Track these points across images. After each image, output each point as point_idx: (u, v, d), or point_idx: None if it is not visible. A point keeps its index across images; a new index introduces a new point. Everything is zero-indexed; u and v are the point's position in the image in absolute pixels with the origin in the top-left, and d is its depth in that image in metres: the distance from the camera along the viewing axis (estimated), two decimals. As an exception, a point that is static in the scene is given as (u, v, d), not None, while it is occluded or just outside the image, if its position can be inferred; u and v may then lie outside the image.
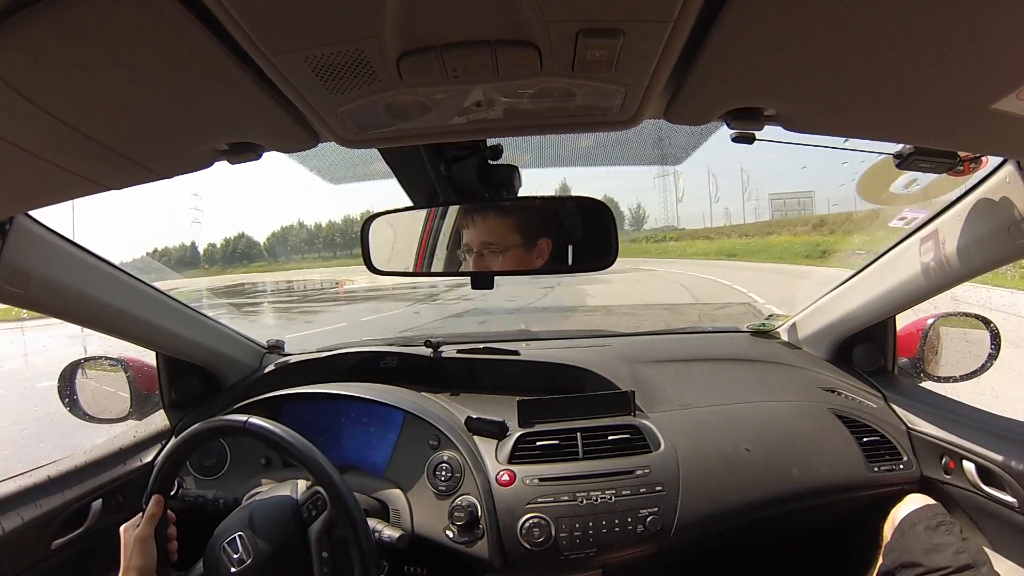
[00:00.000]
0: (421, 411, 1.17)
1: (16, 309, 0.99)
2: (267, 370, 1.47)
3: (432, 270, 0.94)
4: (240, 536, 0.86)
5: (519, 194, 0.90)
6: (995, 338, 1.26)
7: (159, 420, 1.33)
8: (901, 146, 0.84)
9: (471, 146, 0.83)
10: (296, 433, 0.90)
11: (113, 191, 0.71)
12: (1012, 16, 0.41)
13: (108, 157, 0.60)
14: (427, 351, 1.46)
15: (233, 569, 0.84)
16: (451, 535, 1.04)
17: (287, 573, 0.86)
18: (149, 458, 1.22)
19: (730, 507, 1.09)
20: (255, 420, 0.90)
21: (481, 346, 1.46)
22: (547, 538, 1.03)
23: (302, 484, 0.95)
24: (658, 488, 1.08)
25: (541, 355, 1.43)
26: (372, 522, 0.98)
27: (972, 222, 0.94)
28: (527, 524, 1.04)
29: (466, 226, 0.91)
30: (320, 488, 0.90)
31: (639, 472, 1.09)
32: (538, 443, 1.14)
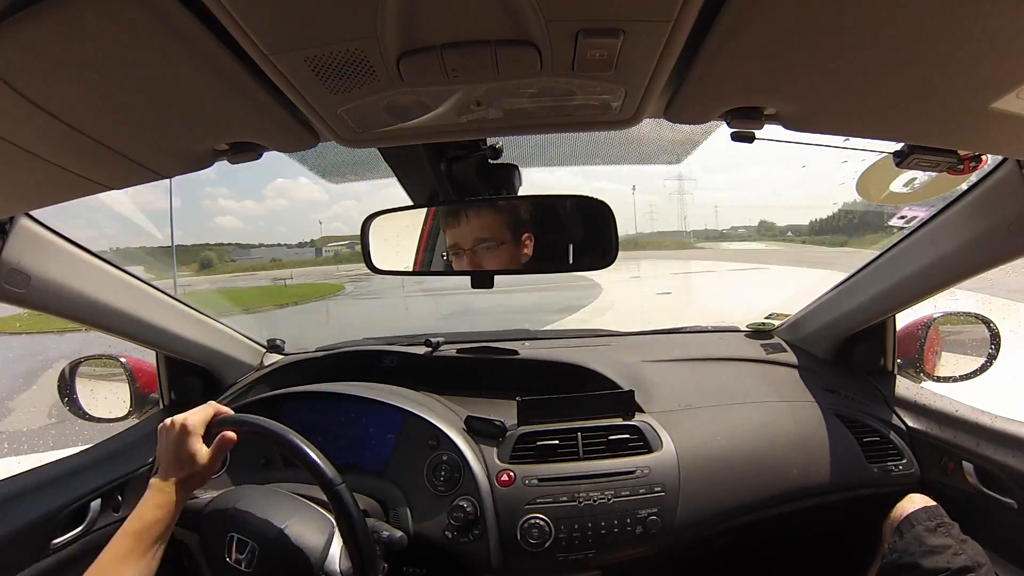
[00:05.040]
0: (421, 411, 1.17)
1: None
2: (267, 369, 1.47)
3: (432, 269, 0.94)
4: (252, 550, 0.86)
5: (519, 193, 0.90)
6: (995, 338, 1.26)
7: (159, 420, 1.32)
8: (901, 145, 0.85)
9: (471, 145, 0.84)
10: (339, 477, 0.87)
11: (113, 191, 0.71)
12: (1012, 15, 0.41)
13: (108, 157, 0.60)
14: (427, 351, 1.46)
15: (229, 560, 0.86)
16: (450, 535, 1.04)
17: None
18: (148, 458, 1.22)
19: (730, 507, 1.09)
20: (313, 455, 0.86)
21: (481, 345, 1.46)
22: (546, 539, 1.03)
23: (335, 547, 0.89)
24: (657, 488, 1.08)
25: (541, 354, 1.43)
26: (371, 522, 0.98)
27: (973, 220, 0.95)
28: (526, 524, 1.04)
29: (456, 224, 0.90)
30: None
31: (639, 472, 1.09)
32: (538, 443, 1.14)
